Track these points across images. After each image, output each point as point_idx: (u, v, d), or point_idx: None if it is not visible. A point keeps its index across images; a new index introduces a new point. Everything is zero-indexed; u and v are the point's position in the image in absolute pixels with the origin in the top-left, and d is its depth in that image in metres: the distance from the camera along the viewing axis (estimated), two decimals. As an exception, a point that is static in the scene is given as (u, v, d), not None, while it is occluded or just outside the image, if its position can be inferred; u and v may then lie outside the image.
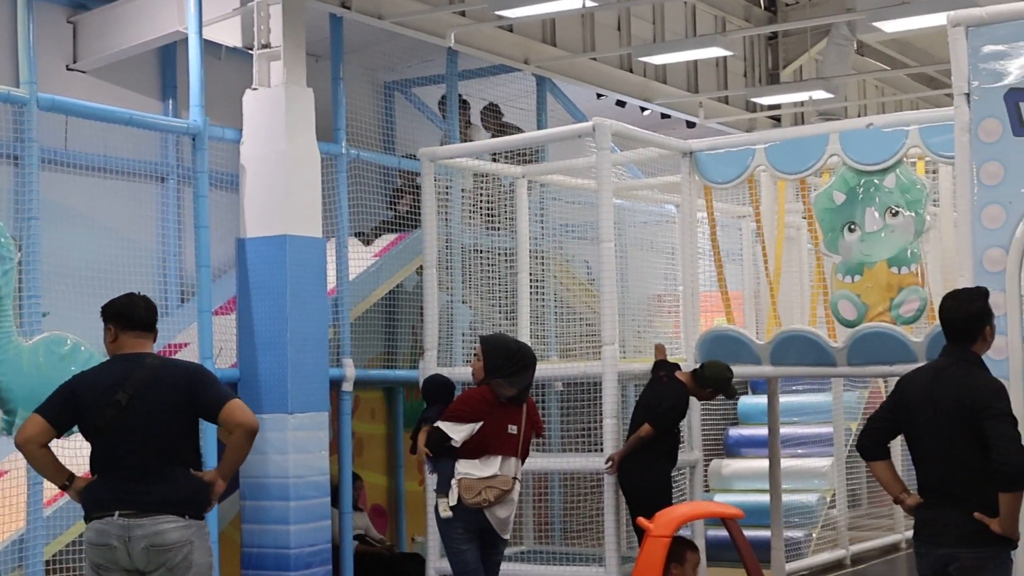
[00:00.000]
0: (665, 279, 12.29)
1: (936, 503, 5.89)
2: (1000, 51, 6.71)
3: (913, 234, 9.58)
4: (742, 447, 13.65)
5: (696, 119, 16.32)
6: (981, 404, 5.74)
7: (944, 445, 5.82)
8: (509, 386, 7.82)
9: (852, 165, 9.71)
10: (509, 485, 7.76)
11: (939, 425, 5.83)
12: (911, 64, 18.44)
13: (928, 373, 6.04)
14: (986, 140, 6.70)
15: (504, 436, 7.82)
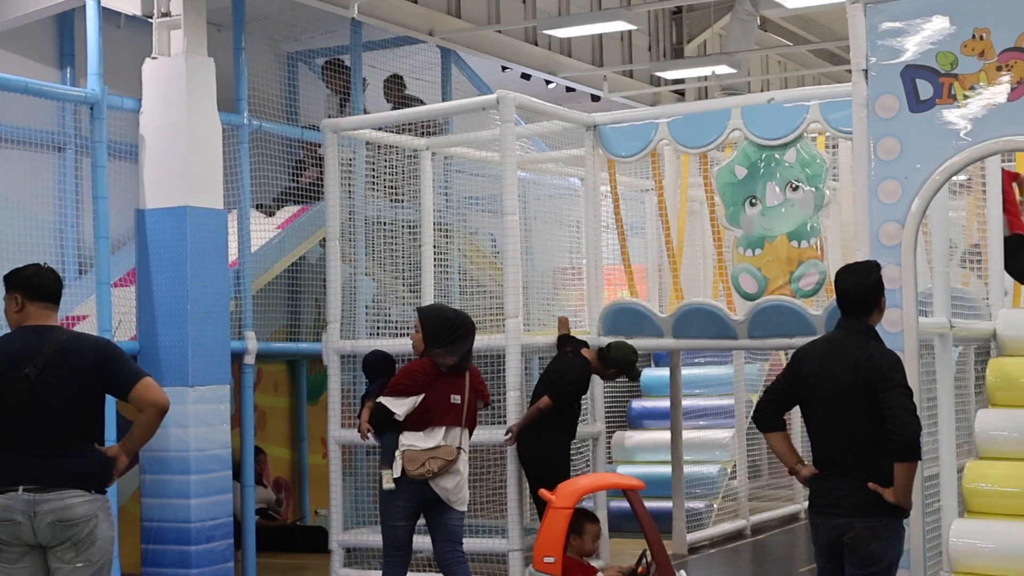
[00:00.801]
0: (569, 252, 12.32)
1: (831, 474, 5.97)
2: (898, 28, 6.79)
3: (813, 208, 9.69)
4: (645, 419, 13.74)
5: (601, 93, 16.37)
6: (878, 376, 5.86)
7: (841, 416, 5.91)
8: (448, 355, 7.78)
9: (753, 140, 9.80)
10: (453, 455, 7.72)
11: (836, 397, 5.92)
12: (813, 40, 18.62)
13: (824, 345, 6.12)
14: (883, 116, 6.79)
15: (447, 406, 7.78)
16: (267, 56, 12.51)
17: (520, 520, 9.87)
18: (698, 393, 13.60)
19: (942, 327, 7.44)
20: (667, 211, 10.90)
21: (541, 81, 15.66)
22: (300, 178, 11.98)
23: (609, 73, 16.29)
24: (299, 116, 12.38)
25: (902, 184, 6.71)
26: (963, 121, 6.64)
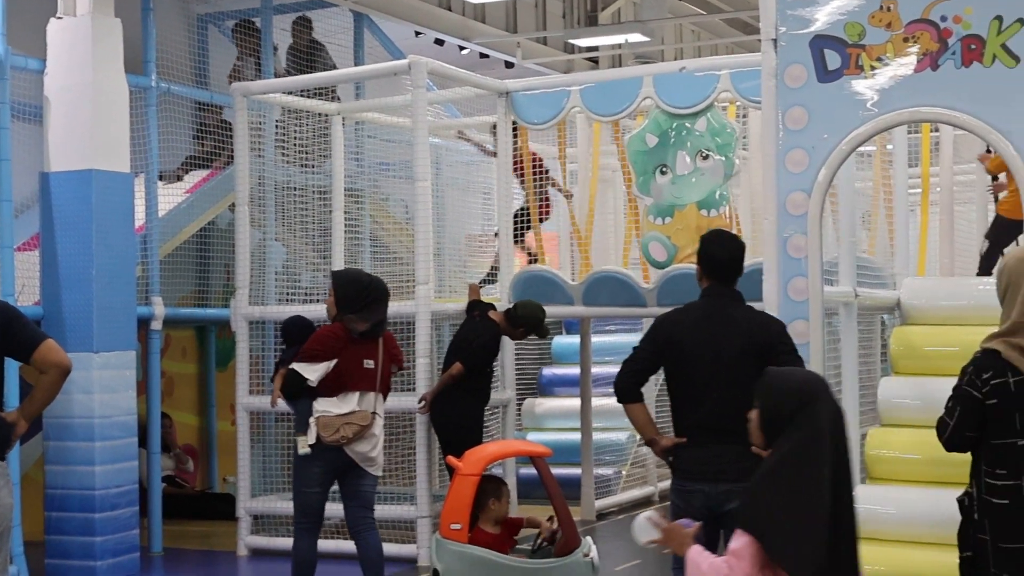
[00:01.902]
0: (481, 219, 12.30)
1: (710, 441, 5.95)
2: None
3: (723, 177, 9.74)
4: (555, 386, 13.79)
5: (514, 59, 16.34)
6: (774, 340, 5.95)
7: (725, 382, 5.93)
8: (360, 321, 7.72)
9: (664, 108, 9.83)
10: (368, 420, 7.68)
11: (723, 362, 5.94)
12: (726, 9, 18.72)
13: (700, 312, 6.09)
14: (792, 86, 6.82)
15: (360, 371, 7.73)
16: (176, 17, 12.33)
17: (429, 487, 9.87)
18: (608, 361, 13.62)
19: (847, 296, 7.51)
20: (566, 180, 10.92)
21: (455, 47, 15.62)
22: (204, 143, 11.83)
23: (523, 40, 16.28)
24: (209, 79, 12.22)
25: (809, 154, 6.75)
26: (870, 92, 6.68)
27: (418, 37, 15.00)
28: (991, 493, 4.90)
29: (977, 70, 6.44)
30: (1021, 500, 4.85)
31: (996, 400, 4.89)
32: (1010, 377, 4.88)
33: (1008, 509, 4.86)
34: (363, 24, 13.39)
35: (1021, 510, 4.84)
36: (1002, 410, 4.88)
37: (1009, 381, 4.88)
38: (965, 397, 4.97)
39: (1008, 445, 4.88)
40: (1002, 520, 4.87)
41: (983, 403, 4.91)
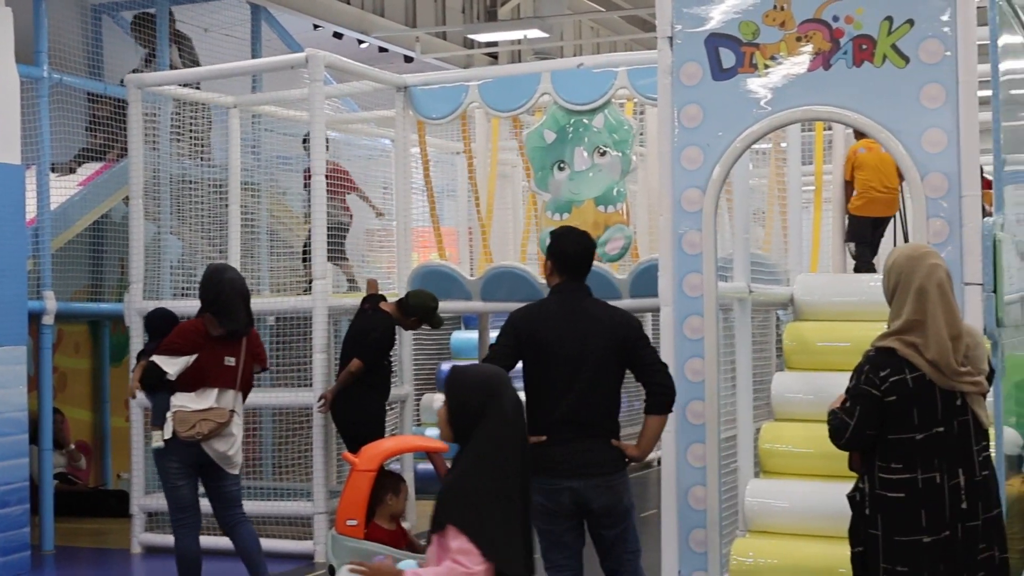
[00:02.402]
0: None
1: (572, 437, 5.97)
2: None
3: (620, 173, 9.80)
4: (454, 381, 13.76)
5: (413, 54, 16.30)
6: (634, 334, 6.04)
7: (589, 377, 5.97)
8: (217, 325, 7.68)
9: (562, 104, 9.86)
10: (226, 418, 7.63)
11: (585, 358, 5.98)
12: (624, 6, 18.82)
13: (561, 308, 6.11)
14: (687, 83, 6.87)
15: (221, 368, 7.68)
16: (69, 7, 12.12)
17: (325, 483, 9.82)
18: (507, 356, 13.66)
19: (741, 292, 7.59)
20: (476, 174, 10.91)
21: (353, 41, 15.54)
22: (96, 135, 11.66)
23: (422, 34, 16.25)
24: (103, 71, 12.04)
25: (704, 151, 6.80)
26: (764, 90, 6.76)
27: (316, 30, 14.91)
28: (885, 487, 4.98)
29: (868, 69, 6.54)
30: (917, 493, 4.93)
31: (895, 397, 4.97)
32: (908, 374, 4.96)
33: (904, 502, 4.94)
34: (260, 16, 13.26)
35: (916, 503, 4.93)
36: (900, 406, 4.97)
37: (907, 377, 4.96)
38: (864, 396, 5.03)
39: (906, 440, 4.96)
40: (897, 513, 4.95)
41: (882, 400, 4.99)
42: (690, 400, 6.85)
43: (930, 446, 4.94)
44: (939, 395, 4.96)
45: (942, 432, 4.94)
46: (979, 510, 4.96)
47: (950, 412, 4.96)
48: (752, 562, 7.24)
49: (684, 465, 6.89)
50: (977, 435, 5.01)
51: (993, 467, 5.07)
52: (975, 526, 4.95)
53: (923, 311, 4.97)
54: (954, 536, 4.92)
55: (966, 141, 6.38)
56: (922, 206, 6.41)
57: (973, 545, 4.95)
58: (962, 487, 4.94)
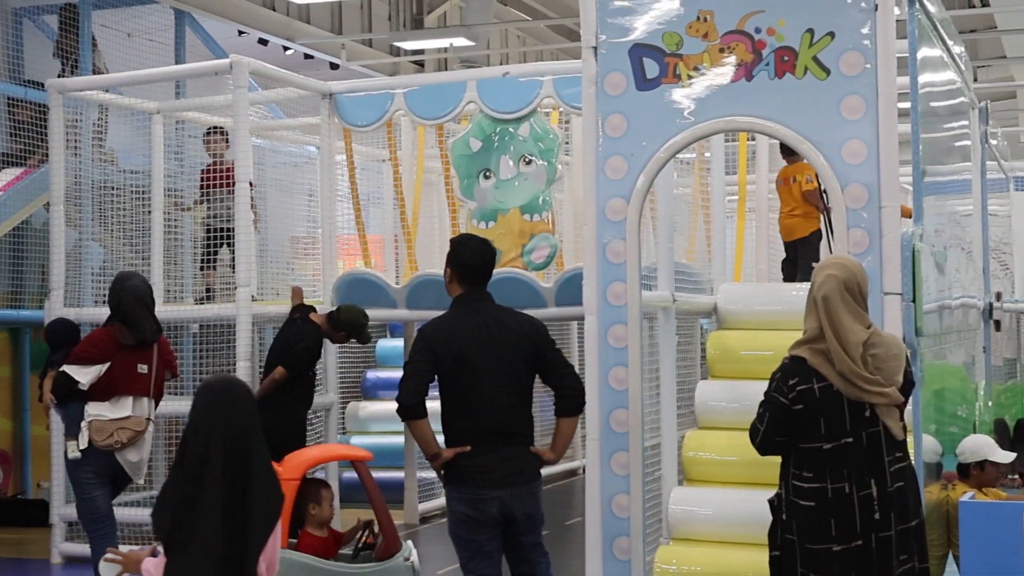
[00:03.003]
0: (306, 221, 12.20)
1: (496, 446, 6.01)
2: (627, 7, 6.91)
3: (545, 182, 9.83)
4: (379, 389, 13.75)
5: (339, 61, 16.26)
6: (544, 339, 6.12)
7: (509, 386, 6.01)
8: (127, 333, 7.62)
9: (488, 113, 9.87)
10: (143, 426, 7.58)
11: (504, 367, 6.02)
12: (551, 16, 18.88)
13: (469, 319, 6.13)
14: (611, 93, 6.90)
15: (134, 376, 7.63)
16: (-11, 11, 11.99)
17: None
18: (433, 364, 13.64)
19: (665, 301, 7.63)
20: (402, 182, 10.89)
21: (279, 47, 15.47)
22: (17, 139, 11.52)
23: (348, 42, 16.21)
24: (23, 74, 11.89)
25: (628, 160, 6.83)
26: (687, 100, 6.80)
27: (241, 36, 14.83)
28: (798, 495, 5.03)
29: (790, 81, 6.60)
30: (826, 502, 4.97)
31: (802, 406, 5.02)
32: (815, 383, 5.01)
33: (814, 511, 4.99)
34: (184, 22, 13.17)
35: (826, 512, 4.97)
36: (808, 415, 5.01)
37: (814, 387, 5.01)
38: (773, 403, 5.10)
39: (814, 449, 5.00)
40: (808, 521, 5.00)
41: (790, 409, 5.03)
42: (614, 408, 6.87)
43: (839, 456, 4.97)
44: (847, 406, 4.99)
45: (851, 443, 4.98)
46: (892, 521, 4.99)
47: (859, 423, 4.99)
48: (675, 569, 7.29)
49: (608, 473, 6.91)
50: (889, 446, 5.03)
51: (909, 478, 5.09)
52: (888, 536, 4.98)
53: (820, 321, 5.03)
54: (867, 546, 4.96)
55: (885, 152, 6.45)
56: (842, 217, 6.48)
57: (888, 555, 4.98)
58: (875, 498, 4.97)
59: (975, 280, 10.17)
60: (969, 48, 20.12)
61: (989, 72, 23.93)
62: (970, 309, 9.53)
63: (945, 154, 8.70)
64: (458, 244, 6.36)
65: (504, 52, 19.30)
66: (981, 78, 23.09)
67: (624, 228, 6.81)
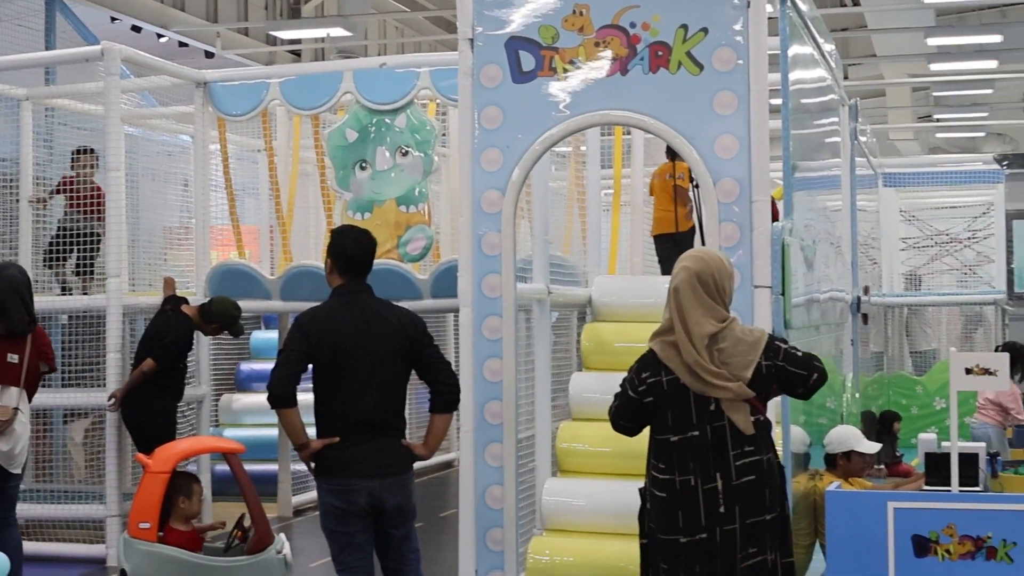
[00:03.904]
0: (179, 211, 12.04)
1: (370, 437, 6.00)
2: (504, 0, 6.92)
3: (422, 174, 9.82)
4: (253, 381, 13.60)
5: (214, 49, 16.07)
6: (421, 334, 6.13)
7: (384, 378, 6.01)
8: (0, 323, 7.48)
9: (364, 104, 9.83)
10: (9, 415, 7.43)
11: (378, 359, 6.01)
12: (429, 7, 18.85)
13: (347, 310, 6.09)
14: (487, 85, 6.91)
15: (3, 365, 7.47)
16: None
17: (119, 485, 9.62)
18: (307, 356, 13.53)
19: (540, 293, 7.67)
20: (278, 172, 10.80)
21: (153, 35, 15.25)
22: None
23: (224, 30, 16.02)
24: None
25: (504, 152, 6.85)
26: (563, 94, 6.83)
27: (114, 23, 14.58)
28: (654, 486, 5.08)
29: (664, 76, 6.66)
30: (675, 494, 5.00)
31: (652, 398, 5.07)
32: (663, 376, 5.05)
33: (665, 502, 5.03)
34: (55, 7, 12.89)
35: (675, 503, 5.00)
36: (657, 408, 5.06)
37: (663, 380, 5.05)
38: (622, 393, 5.17)
39: (664, 441, 5.04)
40: (660, 512, 5.05)
41: (640, 402, 5.08)
42: (488, 400, 6.89)
43: (685, 449, 5.00)
44: (693, 399, 5.03)
45: (696, 436, 4.99)
46: (737, 514, 5.00)
47: (704, 417, 5.01)
48: (548, 560, 7.32)
49: (482, 464, 6.93)
50: (735, 441, 5.01)
51: (762, 472, 5.05)
52: (733, 530, 4.99)
53: (672, 315, 5.07)
54: (712, 539, 4.98)
55: (757, 148, 6.54)
56: (714, 211, 6.55)
57: (732, 549, 4.99)
58: (719, 491, 4.98)
59: (844, 274, 10.36)
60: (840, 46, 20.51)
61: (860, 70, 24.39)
62: (838, 303, 9.71)
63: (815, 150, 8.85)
64: (339, 234, 6.32)
65: (382, 43, 19.21)
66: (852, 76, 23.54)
67: (499, 220, 6.83)
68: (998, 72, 21.40)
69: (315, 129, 10.65)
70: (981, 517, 6.08)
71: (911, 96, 26.89)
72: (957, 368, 6.07)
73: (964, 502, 6.14)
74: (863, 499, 6.42)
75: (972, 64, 20.51)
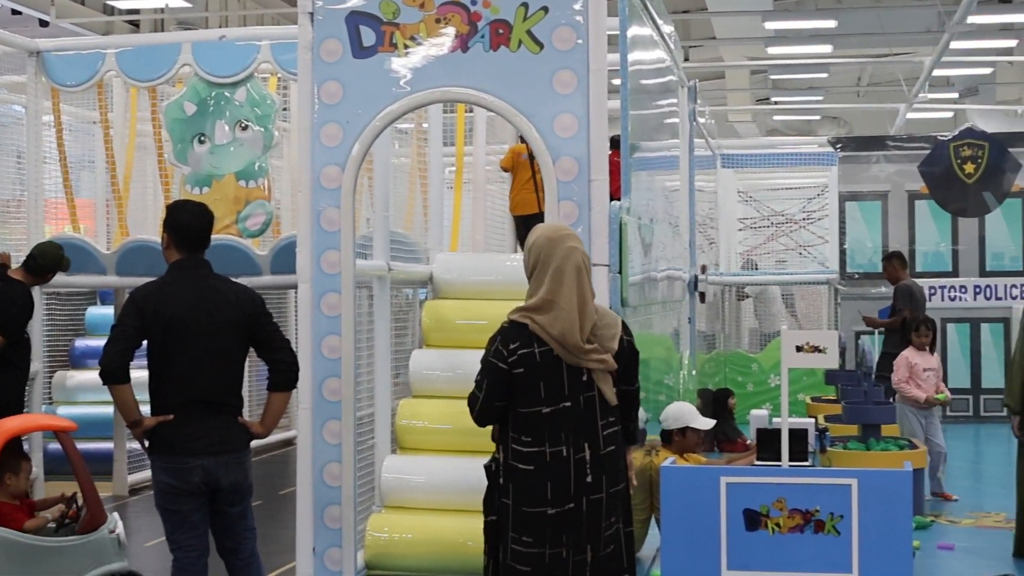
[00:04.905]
0: (11, 184, 11.73)
1: (204, 414, 5.93)
2: (343, -26, 6.88)
3: (262, 148, 9.70)
4: (88, 358, 13.32)
5: (49, 18, 15.67)
6: (259, 311, 6.07)
7: (218, 356, 5.94)
8: None
9: (203, 76, 9.68)
10: None
11: (214, 336, 5.93)
12: (272, -20, 18.64)
13: (183, 285, 6.01)
14: (327, 60, 6.86)
15: None
16: None
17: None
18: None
19: (380, 270, 7.65)
20: (114, 145, 10.58)
21: (-16, 1, 14.81)
22: None
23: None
24: None
25: (344, 128, 6.81)
26: (404, 70, 6.82)
27: (-57, -12, 14.14)
28: (517, 459, 5.10)
29: (504, 54, 6.69)
30: (544, 465, 5.06)
31: (523, 369, 5.09)
32: (536, 347, 5.09)
33: (532, 474, 5.07)
34: None
35: (543, 475, 5.06)
36: (528, 379, 5.09)
37: (535, 351, 5.09)
38: (492, 368, 5.14)
39: (534, 413, 5.08)
40: (526, 485, 5.08)
41: (510, 373, 5.10)
42: (327, 377, 6.87)
43: (557, 420, 5.07)
44: (565, 370, 5.10)
45: (569, 407, 5.08)
46: (604, 483, 5.13)
47: (576, 387, 5.10)
48: (387, 537, 7.34)
49: (320, 442, 6.90)
50: (603, 411, 5.16)
51: (619, 442, 5.22)
52: (599, 499, 5.11)
53: (557, 291, 5.10)
54: (579, 508, 5.08)
55: (596, 127, 6.60)
56: (554, 189, 6.60)
57: (598, 518, 5.11)
58: (587, 461, 5.09)
59: (681, 253, 10.53)
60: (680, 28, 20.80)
61: (700, 52, 24.75)
62: (676, 281, 9.86)
63: (655, 131, 8.97)
64: (175, 209, 6.21)
65: (223, 15, 18.92)
66: (692, 58, 23.88)
67: (339, 196, 6.80)
68: (833, 57, 21.89)
69: (153, 101, 10.44)
70: (810, 491, 6.23)
71: (750, 79, 27.38)
72: (788, 346, 6.20)
73: (794, 476, 6.29)
74: (696, 474, 6.53)
75: (808, 48, 20.93)
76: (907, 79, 23.71)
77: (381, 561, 7.35)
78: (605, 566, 5.16)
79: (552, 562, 5.06)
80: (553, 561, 5.06)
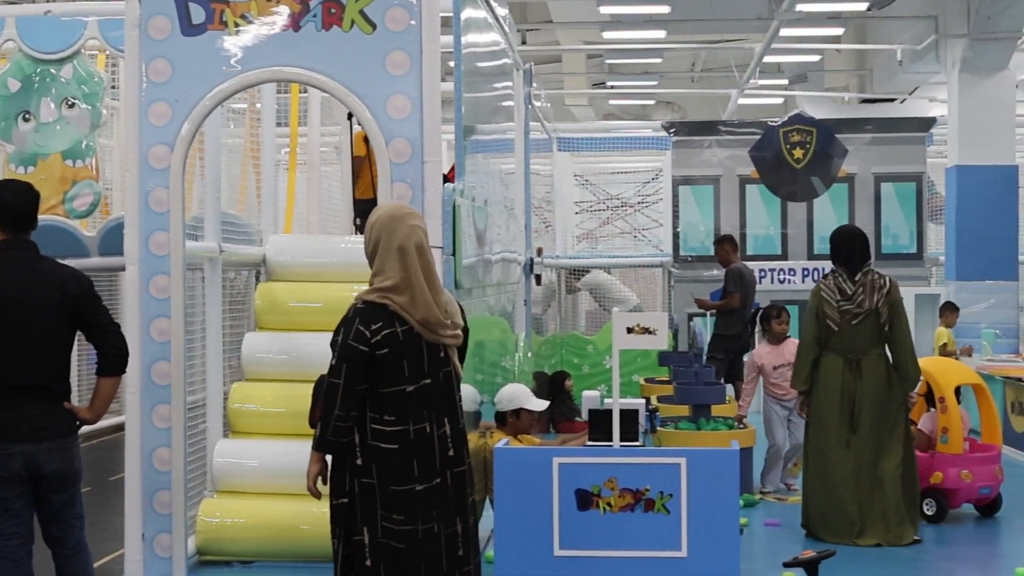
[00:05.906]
0: None
1: (24, 400, 5.78)
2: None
3: (89, 127, 9.47)
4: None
5: None
6: (87, 294, 5.92)
7: (43, 339, 5.80)
8: None
9: (28, 52, 9.41)
10: None
11: (39, 320, 5.78)
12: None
13: (8, 267, 5.82)
14: (156, 37, 6.74)
15: None
16: None
17: None
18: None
19: (212, 252, 7.54)
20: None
21: None
22: None
23: None
24: None
25: (172, 107, 6.71)
26: (235, 48, 6.73)
27: None
28: (379, 439, 5.09)
29: (337, 34, 6.64)
30: (409, 443, 5.09)
31: (387, 350, 5.08)
32: (398, 327, 5.09)
33: (397, 453, 5.08)
34: None
35: (409, 453, 5.08)
36: (391, 359, 5.08)
37: (398, 331, 5.09)
38: (353, 351, 5.09)
39: (397, 392, 5.09)
40: (391, 463, 5.08)
41: (372, 354, 5.08)
42: (156, 360, 6.77)
43: (420, 397, 5.12)
44: (425, 348, 5.14)
45: (430, 384, 5.14)
46: (464, 456, 5.24)
47: (436, 364, 5.17)
48: (219, 522, 7.26)
49: (149, 427, 6.80)
50: (456, 385, 5.27)
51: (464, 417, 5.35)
52: (463, 471, 5.22)
53: (406, 270, 5.11)
54: (445, 483, 5.15)
55: (429, 109, 6.60)
56: (387, 170, 6.58)
57: (463, 490, 5.22)
58: (449, 435, 5.18)
59: (517, 236, 10.58)
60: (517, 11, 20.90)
61: (537, 36, 24.86)
62: (511, 264, 9.91)
63: (490, 114, 9.00)
64: (3, 189, 6.01)
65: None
66: (530, 41, 23.98)
67: (168, 176, 6.69)
68: (667, 42, 22.15)
69: (-25, 78, 10.14)
70: (640, 471, 6.34)
71: (586, 63, 27.58)
72: (619, 328, 6.29)
73: (624, 456, 6.39)
74: (529, 455, 6.60)
75: (643, 33, 21.15)
76: (739, 65, 24.12)
77: (213, 546, 7.27)
78: (475, 536, 5.29)
79: (425, 537, 5.12)
80: (426, 536, 5.12)
